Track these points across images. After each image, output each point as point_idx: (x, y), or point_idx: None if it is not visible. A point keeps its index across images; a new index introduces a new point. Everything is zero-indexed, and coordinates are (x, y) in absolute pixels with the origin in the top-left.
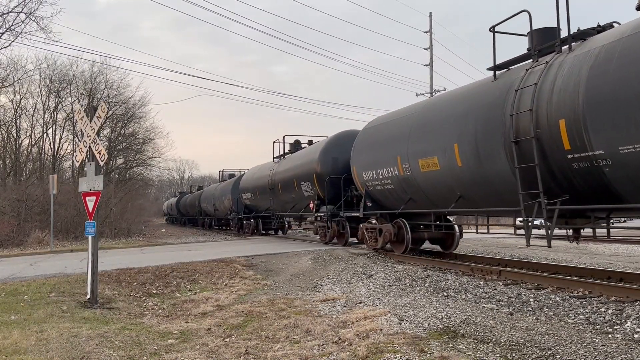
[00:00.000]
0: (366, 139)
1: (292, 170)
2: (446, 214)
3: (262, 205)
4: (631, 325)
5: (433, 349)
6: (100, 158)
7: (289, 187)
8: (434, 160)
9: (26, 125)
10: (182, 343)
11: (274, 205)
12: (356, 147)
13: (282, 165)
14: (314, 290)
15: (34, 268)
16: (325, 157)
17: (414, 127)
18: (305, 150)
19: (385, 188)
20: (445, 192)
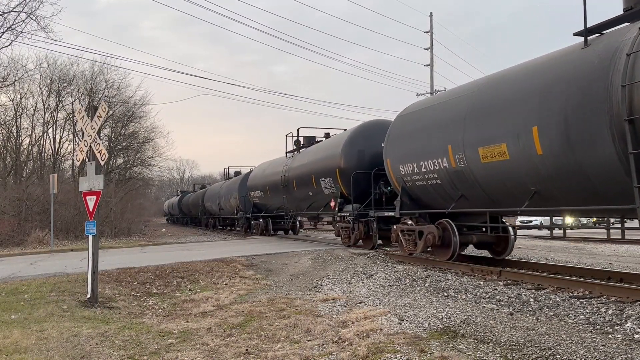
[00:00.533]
0: (404, 126)
1: (309, 165)
2: (518, 213)
3: (272, 204)
4: (631, 326)
5: (433, 349)
6: (101, 157)
7: (305, 183)
8: (500, 148)
9: (27, 125)
10: (182, 342)
11: (287, 204)
12: (391, 136)
13: (297, 160)
14: (314, 290)
15: (34, 267)
16: (349, 150)
17: (471, 109)
18: (325, 143)
19: (429, 183)
20: (514, 187)
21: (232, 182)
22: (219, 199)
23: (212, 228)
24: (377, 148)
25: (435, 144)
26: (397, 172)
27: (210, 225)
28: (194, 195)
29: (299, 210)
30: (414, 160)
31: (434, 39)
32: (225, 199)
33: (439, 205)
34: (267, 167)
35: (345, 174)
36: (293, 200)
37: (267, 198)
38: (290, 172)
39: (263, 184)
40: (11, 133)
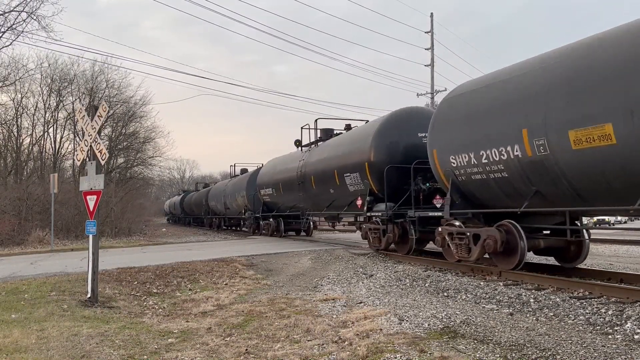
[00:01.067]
0: (455, 110)
1: (331, 159)
2: (630, 213)
3: (285, 203)
4: (631, 326)
5: (433, 349)
6: (101, 157)
7: (326, 180)
8: (603, 129)
9: (27, 124)
10: (182, 342)
11: (304, 203)
12: (437, 123)
13: (316, 154)
14: (314, 290)
15: (34, 267)
16: (381, 141)
17: (557, 82)
18: (350, 135)
19: (492, 177)
20: (620, 180)
21: (239, 180)
22: (225, 198)
23: (216, 228)
24: (412, 139)
25: (501, 129)
26: (446, 164)
27: (215, 225)
28: (197, 195)
29: (317, 210)
30: (471, 149)
31: (434, 39)
32: (231, 198)
33: (501, 203)
34: (279, 162)
35: (377, 169)
36: (310, 198)
37: (280, 196)
38: (307, 168)
39: (275, 181)
40: (12, 132)
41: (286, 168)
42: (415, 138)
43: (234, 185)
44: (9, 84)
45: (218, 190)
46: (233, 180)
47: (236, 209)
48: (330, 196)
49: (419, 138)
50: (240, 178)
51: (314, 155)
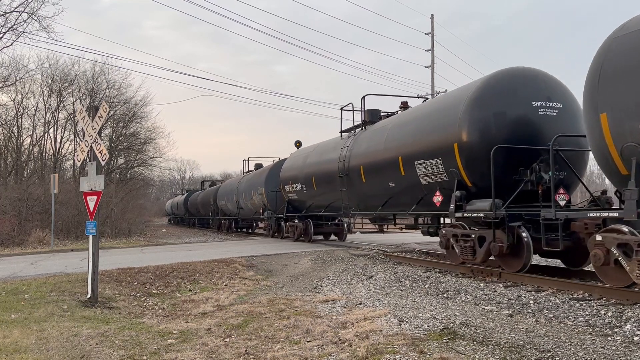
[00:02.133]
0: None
1: (391, 143)
2: None
3: (319, 201)
4: (631, 328)
5: (432, 350)
6: (102, 158)
7: (383, 171)
8: None
9: (28, 125)
10: (182, 343)
11: (348, 200)
12: (611, 72)
13: (365, 139)
14: (314, 290)
15: (34, 267)
16: (479, 113)
17: None
18: (425, 109)
19: None
20: None
21: (255, 176)
22: (238, 196)
23: (226, 231)
24: (525, 109)
25: None
26: (626, 136)
27: (225, 227)
28: (204, 194)
29: (367, 209)
30: None
31: (435, 40)
32: (245, 196)
33: None
34: (313, 153)
35: (473, 152)
36: (357, 194)
37: (312, 193)
38: (353, 157)
39: (306, 175)
40: (12, 133)
41: (322, 159)
42: (529, 109)
43: (249, 181)
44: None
45: (229, 187)
46: (247, 176)
47: (251, 208)
48: (388, 191)
49: (533, 109)
50: (256, 173)
51: (362, 140)
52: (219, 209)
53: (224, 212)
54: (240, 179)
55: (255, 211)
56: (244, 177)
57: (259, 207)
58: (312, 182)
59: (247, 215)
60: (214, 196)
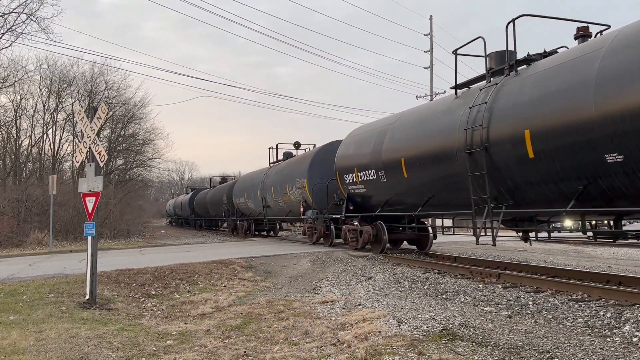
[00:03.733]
0: None
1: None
2: None
3: (406, 196)
4: (630, 329)
5: (431, 352)
6: (100, 159)
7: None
8: None
9: (26, 126)
10: (180, 344)
11: (487, 189)
12: None
13: (529, 86)
14: (312, 292)
15: (33, 268)
16: None
17: None
18: None
19: None
20: None
21: (291, 165)
22: (263, 192)
23: (244, 234)
24: None
25: None
26: None
27: (242, 229)
28: (215, 191)
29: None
30: None
31: (434, 41)
32: (276, 192)
33: None
34: (395, 124)
35: None
36: (510, 178)
37: (397, 183)
38: (500, 118)
39: (388, 157)
40: (11, 134)
41: (421, 131)
42: None
43: (280, 173)
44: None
45: (250, 182)
46: (278, 166)
47: (283, 207)
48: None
49: None
50: (292, 162)
51: (521, 89)
52: (236, 208)
53: (242, 211)
54: (267, 170)
55: (288, 210)
56: (272, 169)
57: (295, 204)
58: (401, 167)
59: (276, 215)
60: (227, 193)
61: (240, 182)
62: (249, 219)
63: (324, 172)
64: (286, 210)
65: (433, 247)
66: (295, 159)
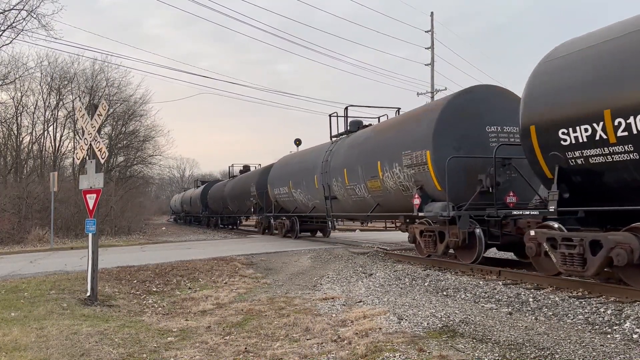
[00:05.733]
0: None
1: None
2: None
3: None
4: (630, 326)
5: (432, 348)
6: (101, 156)
7: None
8: None
9: (27, 123)
10: (181, 341)
11: None
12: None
13: None
14: (313, 289)
15: (34, 265)
16: None
17: None
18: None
19: None
20: None
21: (386, 132)
22: (326, 178)
23: (287, 234)
24: None
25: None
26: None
27: (285, 228)
28: (237, 182)
29: None
30: None
31: (435, 38)
32: (351, 176)
33: None
34: None
35: None
36: None
37: None
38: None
39: None
40: (12, 131)
41: None
42: None
43: (361, 146)
44: (8, 83)
45: (297, 166)
46: (353, 138)
47: (365, 198)
48: None
49: None
50: (389, 127)
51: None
52: (272, 202)
53: (283, 206)
54: (330, 146)
55: (375, 203)
56: (339, 143)
57: (397, 194)
58: None
59: (350, 210)
60: (258, 183)
61: (279, 167)
62: (292, 215)
63: (460, 138)
64: (371, 204)
65: None
66: (395, 120)
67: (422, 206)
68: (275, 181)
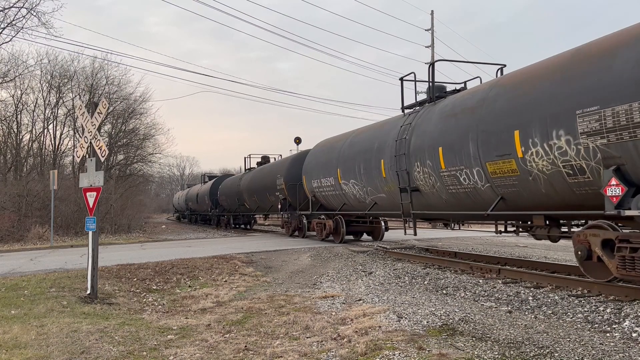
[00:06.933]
0: None
1: None
2: None
3: None
4: (629, 324)
5: (431, 346)
6: (101, 154)
7: None
8: None
9: (27, 121)
10: (181, 339)
11: None
12: None
13: None
14: (313, 287)
15: (34, 263)
16: None
17: None
18: None
19: None
20: None
21: (502, 93)
22: (402, 162)
23: (327, 236)
24: None
25: None
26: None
27: (326, 230)
28: (256, 175)
29: None
30: None
31: (435, 37)
32: (458, 157)
33: None
34: None
35: None
36: None
37: None
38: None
39: None
40: (11, 129)
41: None
42: None
43: (481, 109)
44: (8, 81)
45: (349, 149)
46: (453, 102)
47: (470, 190)
48: None
49: None
50: (542, 71)
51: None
52: (310, 198)
53: (323, 202)
54: (407, 119)
55: (543, 191)
56: (426, 111)
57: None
58: None
59: (453, 208)
60: (288, 174)
61: (319, 153)
62: (336, 214)
63: None
64: (489, 197)
65: (433, 242)
66: (550, 64)
67: (624, 199)
68: (313, 171)
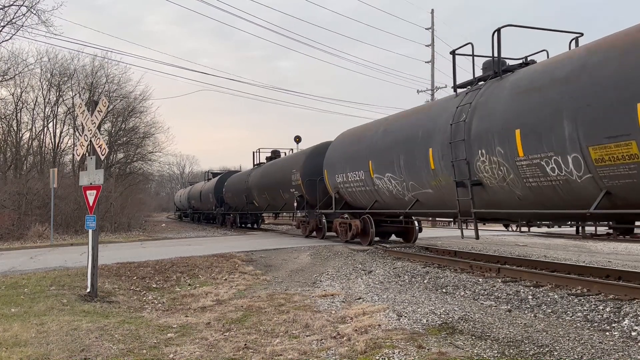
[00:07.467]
0: None
1: None
2: None
3: None
4: (629, 323)
5: (431, 345)
6: (101, 152)
7: None
8: None
9: (27, 119)
10: (181, 337)
11: None
12: None
13: None
14: (313, 285)
15: (34, 261)
16: None
17: None
18: None
19: None
20: None
21: (616, 57)
22: (461, 153)
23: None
24: None
25: None
26: None
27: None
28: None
29: None
30: None
31: (436, 36)
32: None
33: None
34: None
35: None
36: None
37: None
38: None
39: None
40: (11, 127)
41: None
42: None
43: (577, 81)
44: (8, 79)
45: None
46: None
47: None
48: None
49: None
50: None
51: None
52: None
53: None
54: (465, 98)
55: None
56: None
57: None
58: None
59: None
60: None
61: (344, 144)
62: (364, 213)
63: None
64: (588, 193)
65: (432, 241)
66: None
67: None
68: (337, 164)
